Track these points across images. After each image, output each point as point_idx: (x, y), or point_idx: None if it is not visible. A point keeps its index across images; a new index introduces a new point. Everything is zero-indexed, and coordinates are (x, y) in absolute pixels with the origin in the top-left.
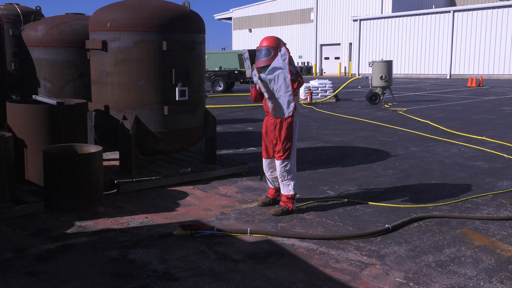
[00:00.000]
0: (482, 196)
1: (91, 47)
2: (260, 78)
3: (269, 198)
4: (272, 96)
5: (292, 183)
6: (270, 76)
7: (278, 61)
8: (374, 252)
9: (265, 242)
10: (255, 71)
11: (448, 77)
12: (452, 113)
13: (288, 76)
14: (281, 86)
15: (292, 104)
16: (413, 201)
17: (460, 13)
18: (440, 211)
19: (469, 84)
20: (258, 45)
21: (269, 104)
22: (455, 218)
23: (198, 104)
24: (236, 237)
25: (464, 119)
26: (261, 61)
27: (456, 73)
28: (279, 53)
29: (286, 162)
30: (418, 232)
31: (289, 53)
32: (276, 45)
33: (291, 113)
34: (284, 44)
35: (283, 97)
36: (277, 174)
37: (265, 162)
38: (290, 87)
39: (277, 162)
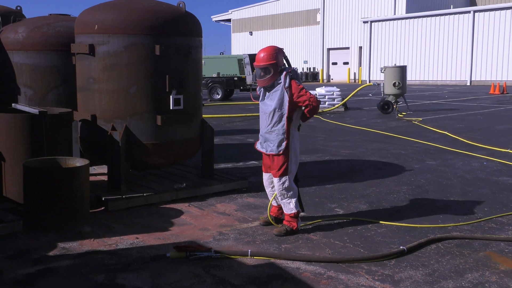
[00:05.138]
0: (507, 215)
1: (77, 51)
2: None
3: (271, 216)
4: (266, 125)
5: (293, 200)
6: (267, 108)
7: (278, 94)
8: (387, 277)
9: (267, 265)
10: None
11: (468, 84)
12: (473, 123)
13: (285, 114)
14: (275, 122)
15: (284, 144)
16: (431, 220)
17: (481, 13)
18: (460, 231)
19: (491, 92)
20: (255, 61)
21: (260, 135)
22: (477, 239)
23: (194, 113)
24: (235, 260)
25: (486, 129)
26: (261, 81)
27: (477, 79)
28: (281, 84)
29: (283, 179)
30: (437, 255)
31: (290, 72)
32: (274, 61)
33: (281, 152)
34: (284, 53)
35: (276, 133)
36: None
37: (265, 176)
38: (285, 126)
39: (275, 180)
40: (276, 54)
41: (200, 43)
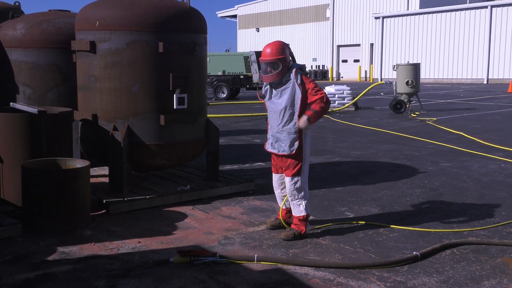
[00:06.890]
0: None
1: (78, 48)
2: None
3: (279, 220)
4: (275, 125)
5: (303, 202)
6: (277, 107)
7: (289, 91)
8: (400, 283)
9: (274, 271)
10: (265, 85)
11: (485, 82)
12: (490, 124)
13: (297, 112)
14: (287, 121)
15: (297, 143)
16: (445, 225)
17: (499, 8)
18: (477, 236)
19: (509, 90)
20: (262, 56)
21: (269, 136)
22: (494, 245)
23: (199, 113)
24: (241, 265)
25: (504, 130)
26: (268, 76)
27: (494, 78)
28: (291, 80)
29: (296, 179)
30: (452, 261)
31: (300, 69)
32: (283, 55)
33: (293, 152)
34: (289, 49)
35: (288, 132)
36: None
37: (274, 177)
38: (297, 124)
39: (286, 179)
40: (284, 48)
41: (205, 40)
